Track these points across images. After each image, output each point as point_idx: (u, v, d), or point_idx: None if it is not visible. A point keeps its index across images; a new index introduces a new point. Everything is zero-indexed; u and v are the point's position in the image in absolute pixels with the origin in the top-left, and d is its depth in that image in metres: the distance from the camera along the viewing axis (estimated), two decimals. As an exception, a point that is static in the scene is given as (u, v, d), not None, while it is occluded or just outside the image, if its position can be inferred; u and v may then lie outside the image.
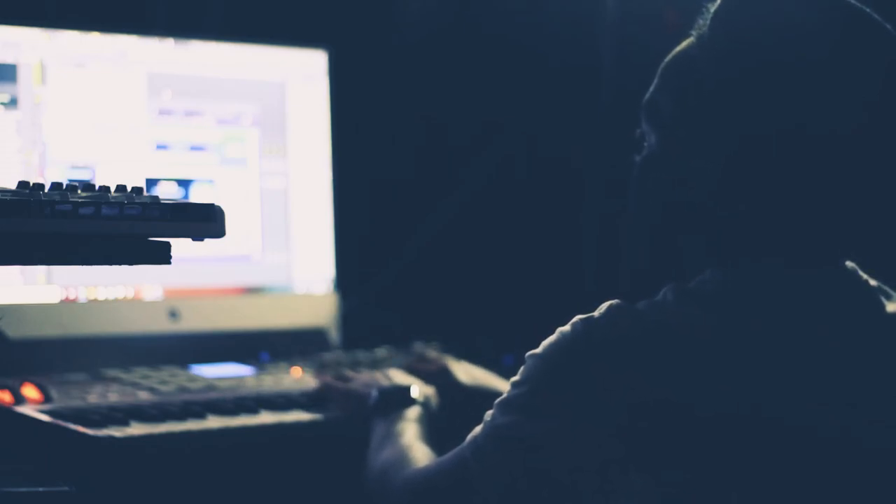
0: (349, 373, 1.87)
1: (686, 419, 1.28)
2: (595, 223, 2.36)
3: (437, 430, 1.66)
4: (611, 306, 1.33)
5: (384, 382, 1.77)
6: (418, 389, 1.74)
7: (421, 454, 1.55)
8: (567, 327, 1.34)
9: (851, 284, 1.36)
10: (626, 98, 2.28)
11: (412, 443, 1.59)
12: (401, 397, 1.72)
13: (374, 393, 1.72)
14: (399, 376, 1.81)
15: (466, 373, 1.87)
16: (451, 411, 1.80)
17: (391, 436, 1.63)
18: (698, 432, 1.27)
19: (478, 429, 1.39)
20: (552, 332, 1.37)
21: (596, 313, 1.33)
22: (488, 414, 1.38)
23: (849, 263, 1.37)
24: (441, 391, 1.82)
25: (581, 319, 1.33)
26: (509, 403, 1.36)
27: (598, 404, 1.30)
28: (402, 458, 1.55)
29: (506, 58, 2.39)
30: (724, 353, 1.29)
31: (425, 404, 1.72)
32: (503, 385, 1.82)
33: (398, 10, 2.43)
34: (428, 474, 1.47)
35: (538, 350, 1.35)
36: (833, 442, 1.29)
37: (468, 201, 2.41)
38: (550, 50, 2.35)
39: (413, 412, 1.69)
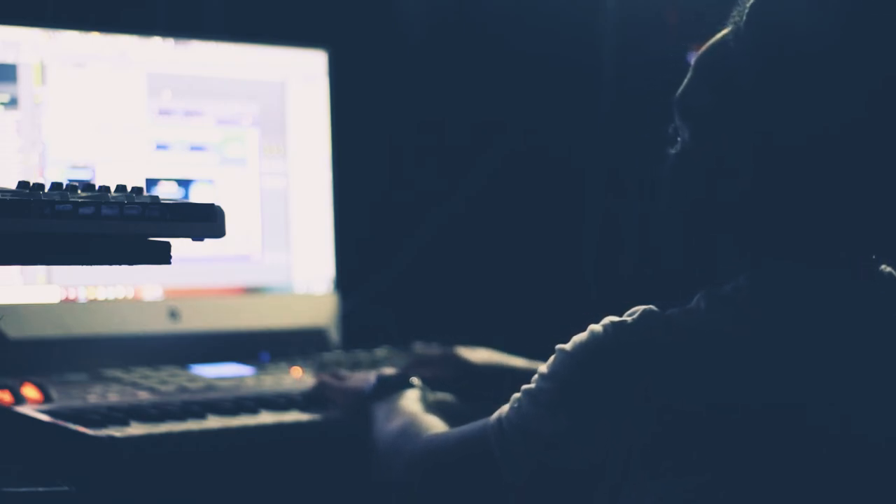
0: (345, 373, 1.87)
1: (712, 426, 1.27)
2: (596, 223, 2.35)
3: (454, 414, 1.66)
4: (643, 311, 1.31)
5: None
6: (416, 378, 1.74)
7: (434, 422, 1.55)
8: (598, 327, 1.32)
9: (888, 289, 1.34)
10: (626, 97, 2.29)
11: (420, 413, 1.59)
12: (399, 383, 1.72)
13: (373, 380, 1.72)
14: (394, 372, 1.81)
15: (476, 354, 1.86)
16: (466, 393, 1.80)
17: (396, 410, 1.62)
18: (724, 439, 1.26)
19: (504, 409, 1.39)
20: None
21: (628, 317, 1.31)
22: (515, 398, 1.38)
23: (885, 267, 1.35)
24: (452, 375, 1.82)
25: (612, 322, 1.32)
26: (536, 396, 1.35)
27: (623, 407, 1.29)
28: (416, 425, 1.55)
29: (506, 58, 2.39)
30: (756, 360, 1.27)
31: (423, 390, 1.72)
32: (515, 361, 1.82)
33: (398, 10, 2.43)
34: (448, 441, 1.46)
35: (567, 346, 1.34)
36: (865, 448, 1.28)
37: (468, 201, 2.41)
38: (550, 50, 2.35)
39: (413, 393, 1.69)
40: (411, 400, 1.66)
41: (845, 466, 1.27)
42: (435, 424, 1.54)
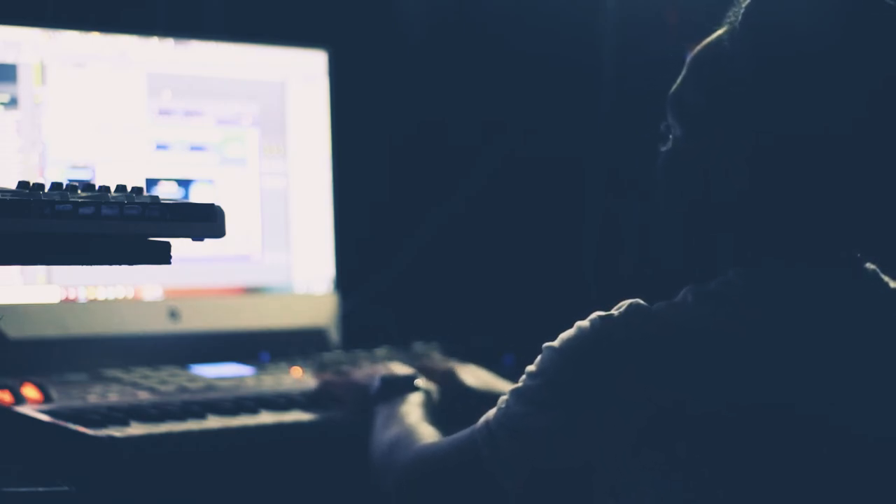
0: (348, 369, 1.87)
1: (699, 420, 1.27)
2: (595, 223, 2.35)
3: (443, 431, 1.66)
4: (630, 305, 1.32)
5: (385, 372, 1.77)
6: (421, 379, 1.74)
7: (428, 433, 1.55)
8: (586, 322, 1.33)
9: (872, 287, 1.35)
10: (626, 97, 2.29)
11: (418, 422, 1.60)
12: (403, 384, 1.72)
13: (377, 381, 1.73)
14: (400, 368, 1.81)
15: (472, 375, 1.86)
16: (458, 414, 1.80)
17: (396, 416, 1.63)
18: (711, 434, 1.27)
19: (491, 413, 1.39)
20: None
21: (615, 311, 1.32)
22: (502, 400, 1.38)
23: (869, 265, 1.35)
24: (447, 394, 1.82)
25: (600, 316, 1.32)
26: (523, 394, 1.35)
27: (611, 402, 1.29)
28: (410, 435, 1.55)
29: (506, 58, 2.39)
30: (742, 355, 1.28)
31: (427, 393, 1.73)
32: (507, 386, 1.82)
33: (398, 10, 2.43)
34: (438, 451, 1.46)
35: (555, 343, 1.34)
36: (851, 442, 1.28)
37: (468, 201, 2.41)
38: (550, 50, 2.35)
39: (416, 397, 1.69)
40: (413, 405, 1.67)
41: (834, 462, 1.28)
42: (428, 435, 1.54)
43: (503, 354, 2.07)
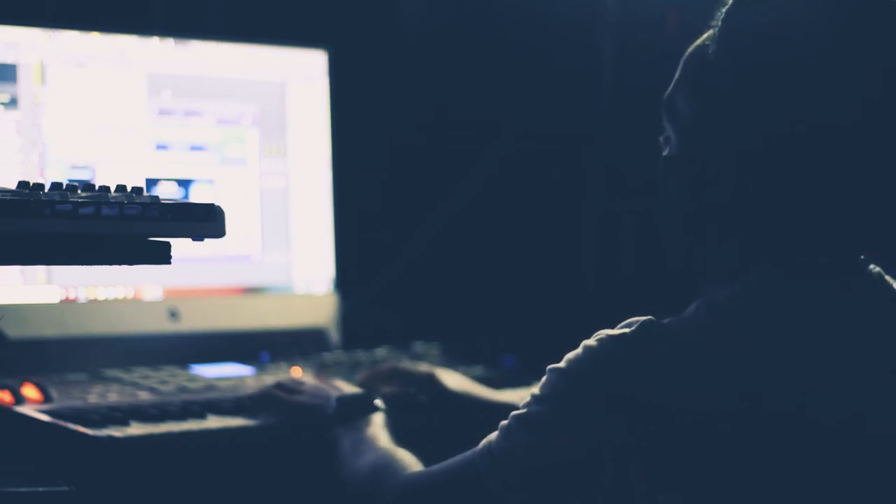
0: (288, 379, 1.77)
1: (717, 440, 1.25)
2: (595, 223, 2.36)
3: (429, 435, 1.64)
4: (641, 323, 1.28)
5: (334, 392, 1.69)
6: (378, 397, 1.69)
7: (409, 458, 1.50)
8: (593, 342, 1.29)
9: (881, 293, 1.33)
10: (625, 97, 2.29)
11: (393, 447, 1.55)
12: (361, 405, 1.66)
13: (333, 402, 1.66)
14: (347, 386, 1.74)
15: (453, 380, 1.84)
16: (440, 417, 1.79)
17: (366, 441, 1.58)
18: (730, 454, 1.25)
19: (492, 437, 1.35)
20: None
21: (626, 329, 1.28)
22: (503, 425, 1.34)
23: (874, 267, 1.33)
24: (428, 397, 1.80)
25: (609, 336, 1.28)
26: (530, 420, 1.32)
27: (624, 424, 1.26)
28: (391, 461, 1.51)
29: (506, 57, 2.39)
30: (757, 372, 1.25)
31: (385, 412, 1.67)
32: (490, 394, 1.81)
33: (398, 10, 2.43)
34: (434, 479, 1.42)
35: (561, 364, 1.30)
36: (870, 457, 1.27)
37: (468, 201, 2.41)
38: (550, 50, 2.35)
39: (379, 418, 1.64)
40: (378, 427, 1.61)
41: (851, 477, 1.26)
42: (410, 460, 1.49)
43: (503, 355, 2.07)
